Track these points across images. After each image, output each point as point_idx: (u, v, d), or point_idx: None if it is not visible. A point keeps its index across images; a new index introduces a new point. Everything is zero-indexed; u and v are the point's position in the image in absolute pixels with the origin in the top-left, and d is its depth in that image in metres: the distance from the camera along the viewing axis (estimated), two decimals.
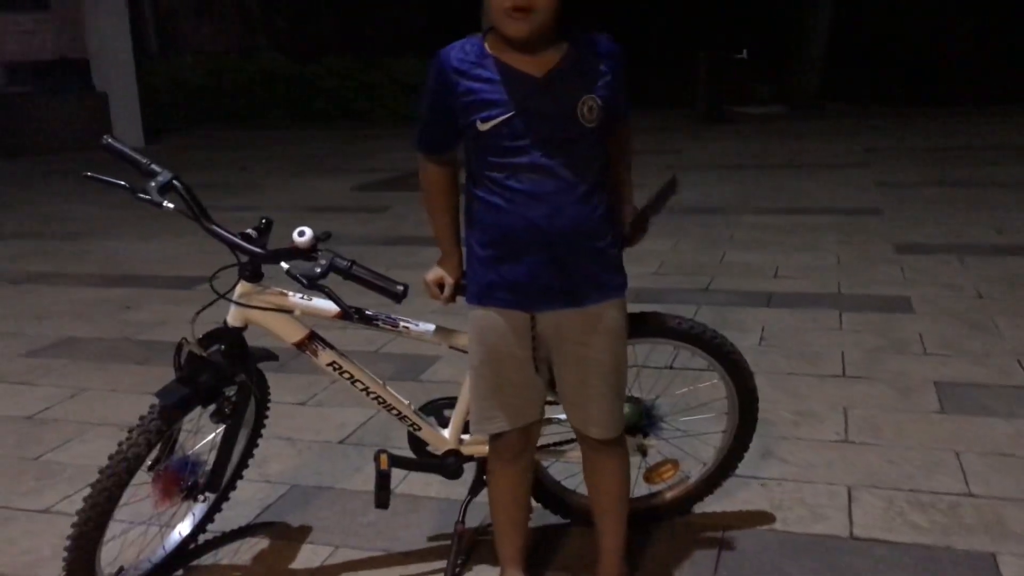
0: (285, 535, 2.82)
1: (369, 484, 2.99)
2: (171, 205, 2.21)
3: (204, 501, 2.62)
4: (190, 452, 2.47)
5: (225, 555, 2.71)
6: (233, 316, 2.32)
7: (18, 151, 14.23)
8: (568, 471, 2.75)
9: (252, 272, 2.28)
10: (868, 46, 16.62)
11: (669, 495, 2.79)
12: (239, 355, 2.34)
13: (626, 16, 18.03)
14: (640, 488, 2.76)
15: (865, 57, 16.60)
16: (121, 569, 2.47)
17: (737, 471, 3.03)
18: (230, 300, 2.29)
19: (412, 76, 16.51)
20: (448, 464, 2.54)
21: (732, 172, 9.90)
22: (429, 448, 2.54)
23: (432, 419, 2.52)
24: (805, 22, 16.60)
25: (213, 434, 2.53)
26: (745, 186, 8.96)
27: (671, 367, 3.77)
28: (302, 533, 2.82)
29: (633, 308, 2.38)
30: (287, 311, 2.32)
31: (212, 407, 2.35)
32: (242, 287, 2.30)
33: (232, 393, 2.41)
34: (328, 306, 2.31)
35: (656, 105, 16.54)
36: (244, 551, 2.73)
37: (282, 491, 3.08)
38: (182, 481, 2.42)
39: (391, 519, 2.84)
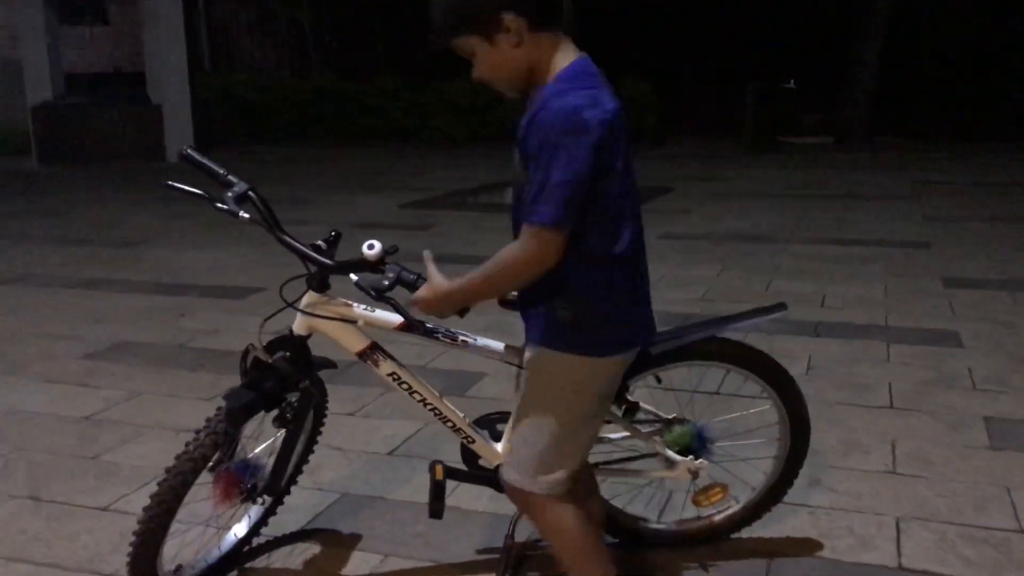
0: (336, 542, 2.87)
1: (418, 495, 3.07)
2: (247, 215, 2.28)
3: (261, 504, 2.67)
4: (250, 455, 2.53)
5: (277, 559, 2.77)
6: (299, 324, 2.39)
7: (75, 160, 14.59)
8: (614, 491, 2.78)
9: (319, 282, 2.33)
10: (917, 79, 16.52)
11: (717, 518, 2.80)
12: (303, 362, 2.41)
13: (676, 44, 18.14)
14: (687, 510, 2.79)
15: (914, 90, 16.50)
16: (179, 567, 2.54)
17: (785, 498, 3.04)
18: (297, 309, 2.35)
19: (462, 98, 16.69)
20: (494, 477, 2.59)
21: (779, 201, 9.88)
22: (481, 461, 2.57)
23: (485, 432, 2.56)
24: (856, 54, 16.54)
25: (273, 438, 2.59)
26: (792, 215, 8.94)
27: (719, 392, 3.78)
28: (352, 541, 2.87)
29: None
30: (351, 321, 2.37)
31: (275, 412, 2.42)
32: (309, 296, 2.36)
33: (294, 399, 2.47)
34: (390, 318, 2.36)
35: (703, 133, 16.58)
36: (296, 556, 2.79)
37: (333, 499, 3.14)
38: (242, 483, 2.48)
39: (441, 531, 2.88)
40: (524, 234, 1.88)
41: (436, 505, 2.46)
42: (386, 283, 2.14)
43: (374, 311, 2.38)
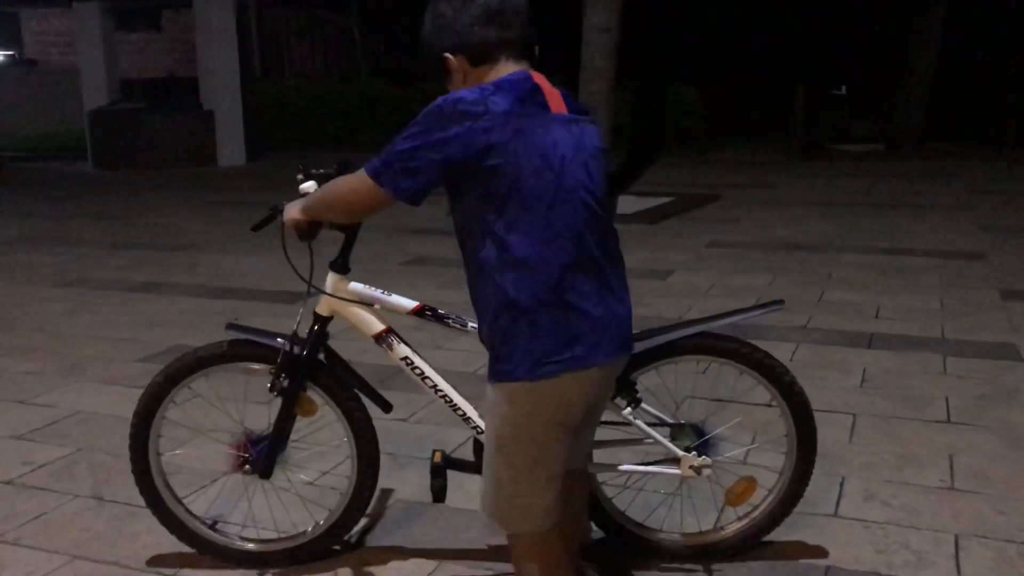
0: (389, 548, 2.89)
1: (470, 502, 3.08)
2: None
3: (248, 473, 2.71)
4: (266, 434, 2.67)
5: (329, 564, 2.80)
6: (322, 306, 2.59)
7: (129, 164, 14.88)
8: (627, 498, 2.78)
9: (341, 264, 2.56)
10: (972, 85, 16.23)
11: (731, 530, 2.79)
12: (315, 338, 2.60)
13: (724, 50, 18.02)
14: (700, 522, 2.77)
15: (968, 97, 16.21)
16: (216, 522, 2.77)
17: (840, 512, 3.02)
18: (320, 290, 2.54)
19: None
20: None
21: (829, 209, 9.77)
22: None
23: None
24: (909, 60, 16.29)
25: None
26: (843, 224, 8.84)
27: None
28: (406, 547, 2.89)
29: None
30: (368, 304, 2.55)
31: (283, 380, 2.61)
32: (331, 278, 2.57)
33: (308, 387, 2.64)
34: (404, 302, 2.55)
35: (752, 139, 16.44)
36: (348, 561, 2.82)
37: (387, 503, 3.17)
38: (246, 455, 2.67)
39: (493, 538, 2.89)
40: (358, 171, 2.08)
41: (434, 485, 2.51)
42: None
43: (390, 295, 2.57)
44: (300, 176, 2.54)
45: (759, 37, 17.88)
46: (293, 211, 2.35)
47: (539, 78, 2.04)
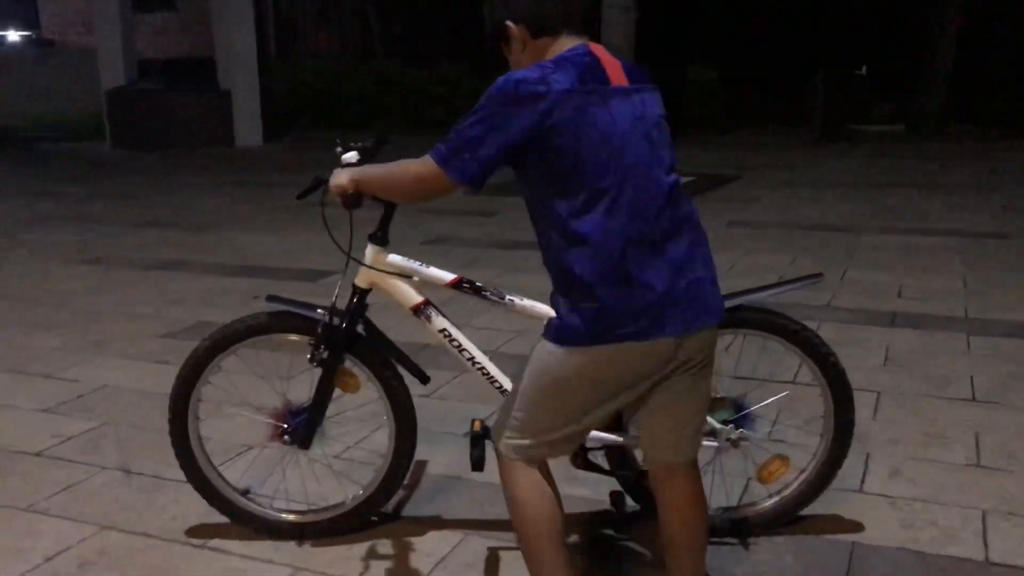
0: (415, 521, 2.91)
1: (496, 476, 3.08)
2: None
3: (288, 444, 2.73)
4: (304, 403, 2.70)
5: (355, 535, 2.82)
6: (361, 278, 2.59)
7: (147, 144, 14.93)
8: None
9: (381, 237, 2.56)
10: (994, 66, 16.06)
11: (767, 504, 2.79)
12: (353, 310, 2.61)
13: (745, 31, 17.88)
14: (729, 497, 2.78)
15: (991, 78, 16.05)
16: (248, 489, 2.80)
17: (865, 488, 3.02)
18: (360, 262, 2.54)
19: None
20: None
21: (851, 190, 9.70)
22: None
23: None
24: (931, 41, 16.13)
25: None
26: (864, 205, 8.78)
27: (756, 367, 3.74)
28: (431, 520, 2.91)
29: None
30: (407, 276, 2.55)
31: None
32: (371, 250, 2.56)
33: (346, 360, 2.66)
34: (442, 275, 2.55)
35: (773, 121, 16.34)
36: (374, 533, 2.83)
37: (412, 478, 3.18)
38: (286, 425, 2.69)
39: None
40: (423, 157, 2.05)
41: (473, 454, 2.50)
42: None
43: (428, 267, 2.57)
44: (339, 149, 2.54)
45: (780, 17, 17.72)
46: (341, 177, 2.33)
47: (598, 50, 2.03)
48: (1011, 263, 6.27)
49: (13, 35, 26.77)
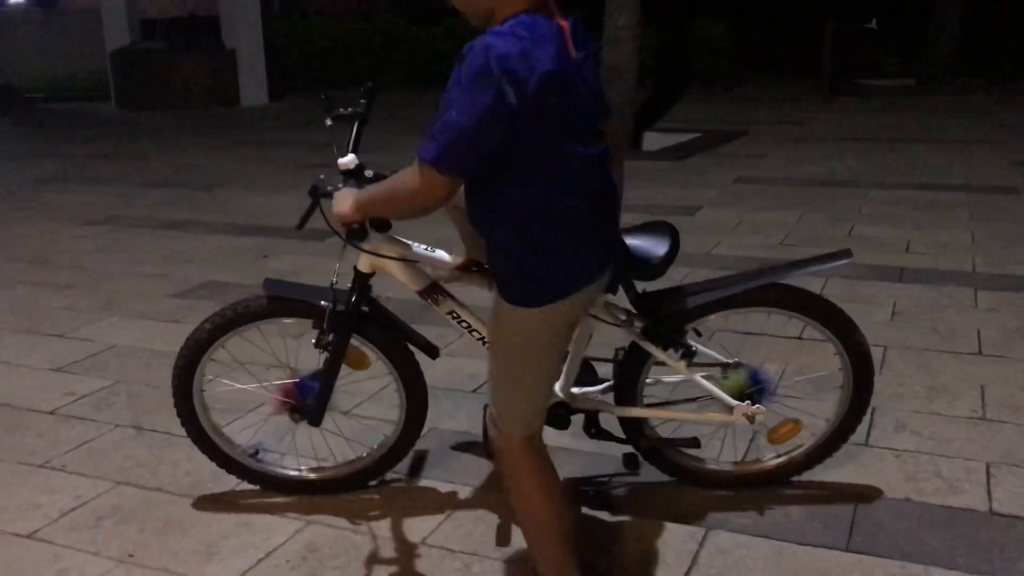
0: (424, 474, 2.95)
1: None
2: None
3: (298, 423, 2.75)
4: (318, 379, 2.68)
5: (365, 488, 2.86)
6: (362, 263, 2.53)
7: (152, 104, 14.88)
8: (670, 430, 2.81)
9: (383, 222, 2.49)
10: (1004, 19, 15.83)
11: (783, 459, 2.82)
12: (356, 295, 2.57)
13: None
14: (748, 453, 2.80)
15: (1001, 31, 15.83)
16: (257, 451, 2.85)
17: (870, 442, 3.04)
18: (361, 249, 2.46)
19: None
20: (557, 415, 2.65)
21: (859, 145, 9.64)
22: None
23: None
24: None
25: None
26: (873, 160, 8.73)
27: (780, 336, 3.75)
28: (440, 473, 2.95)
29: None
30: (411, 261, 2.50)
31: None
32: (372, 236, 2.46)
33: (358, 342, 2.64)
34: (447, 258, 2.51)
35: (781, 75, 16.18)
36: (383, 486, 2.88)
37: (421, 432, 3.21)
38: (296, 399, 2.69)
39: None
40: (412, 165, 1.85)
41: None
42: (328, 188, 2.40)
43: (433, 251, 2.52)
44: (330, 124, 2.51)
45: None
46: (345, 206, 2.21)
47: (555, 10, 1.89)
48: (1020, 217, 6.25)
49: None
